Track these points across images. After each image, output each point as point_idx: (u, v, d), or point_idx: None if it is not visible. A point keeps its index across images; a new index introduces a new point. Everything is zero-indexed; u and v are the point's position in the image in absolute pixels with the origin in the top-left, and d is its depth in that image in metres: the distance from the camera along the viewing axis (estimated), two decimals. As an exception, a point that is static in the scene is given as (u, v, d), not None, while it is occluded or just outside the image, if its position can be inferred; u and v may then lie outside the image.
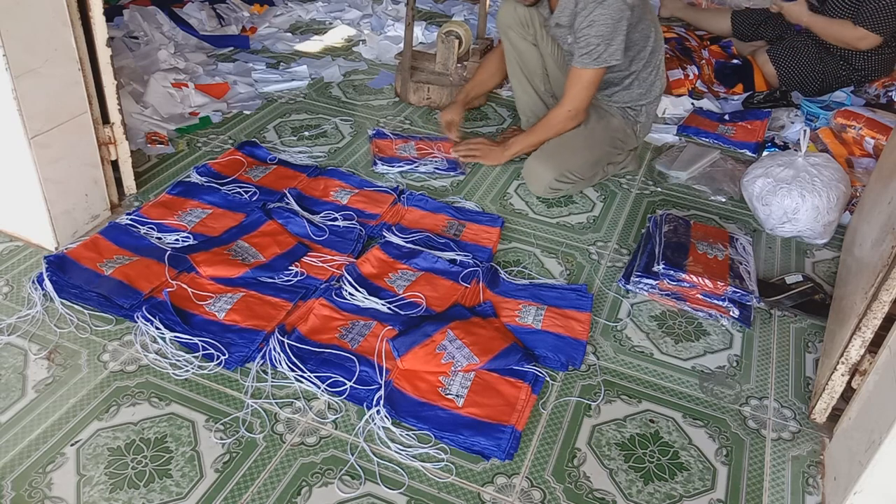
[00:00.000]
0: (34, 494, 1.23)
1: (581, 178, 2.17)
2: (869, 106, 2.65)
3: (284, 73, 2.81)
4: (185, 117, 2.42)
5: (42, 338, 1.53)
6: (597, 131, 2.20)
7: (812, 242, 2.08)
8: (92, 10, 1.70)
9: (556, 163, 2.11)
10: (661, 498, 1.32)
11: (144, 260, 1.71)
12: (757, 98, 2.82)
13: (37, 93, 1.60)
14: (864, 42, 2.67)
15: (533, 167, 2.15)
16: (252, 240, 1.81)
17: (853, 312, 1.43)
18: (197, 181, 2.05)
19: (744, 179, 2.18)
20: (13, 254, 1.76)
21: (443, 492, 1.30)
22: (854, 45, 2.69)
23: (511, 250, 1.95)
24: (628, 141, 2.28)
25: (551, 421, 1.45)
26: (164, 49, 2.74)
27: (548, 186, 2.13)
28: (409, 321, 1.61)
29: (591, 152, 2.17)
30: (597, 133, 2.19)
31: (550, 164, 2.11)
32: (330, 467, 1.32)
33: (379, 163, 2.24)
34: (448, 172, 2.24)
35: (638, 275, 1.82)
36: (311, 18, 3.43)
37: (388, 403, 1.42)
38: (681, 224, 1.97)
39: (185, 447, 1.33)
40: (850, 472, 1.23)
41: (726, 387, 1.57)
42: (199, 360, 1.50)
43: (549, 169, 2.11)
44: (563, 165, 2.11)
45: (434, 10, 3.67)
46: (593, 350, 1.64)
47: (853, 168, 2.32)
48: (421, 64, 2.71)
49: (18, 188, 1.70)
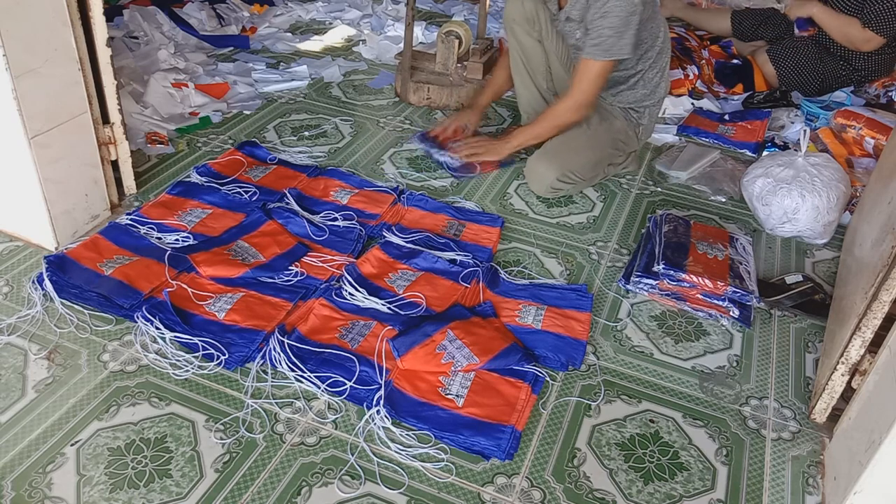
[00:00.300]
0: (34, 494, 1.23)
1: (582, 179, 2.17)
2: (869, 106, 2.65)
3: (284, 73, 2.81)
4: (185, 117, 2.42)
5: (42, 338, 1.53)
6: (599, 132, 2.20)
7: (812, 242, 2.08)
8: (92, 10, 1.70)
9: (559, 163, 2.11)
10: (661, 498, 1.32)
11: (144, 260, 1.71)
12: (757, 98, 2.82)
13: (37, 93, 1.60)
14: (869, 45, 2.67)
15: (535, 166, 2.15)
16: (252, 240, 1.81)
17: (853, 312, 1.43)
18: (197, 181, 2.05)
19: (744, 179, 2.18)
20: (13, 254, 1.76)
21: (443, 492, 1.30)
22: (858, 46, 2.69)
23: (511, 250, 1.95)
24: (630, 143, 2.28)
25: (551, 421, 1.45)
26: (164, 49, 2.74)
27: (549, 186, 2.13)
28: (409, 321, 1.61)
29: (594, 153, 2.17)
30: (599, 134, 2.20)
31: (553, 164, 2.11)
32: (330, 467, 1.32)
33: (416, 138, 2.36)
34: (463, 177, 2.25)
35: (638, 275, 1.82)
36: (311, 18, 3.43)
37: (388, 403, 1.42)
38: (681, 224, 1.97)
39: (185, 447, 1.33)
40: (850, 472, 1.23)
41: (726, 387, 1.57)
42: (199, 360, 1.50)
43: (551, 168, 2.11)
44: (565, 165, 2.11)
45: (434, 10, 3.67)
46: (593, 350, 1.64)
47: (853, 168, 2.32)
48: (421, 64, 2.71)
49: (18, 188, 1.70)
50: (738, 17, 3.20)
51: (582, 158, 2.15)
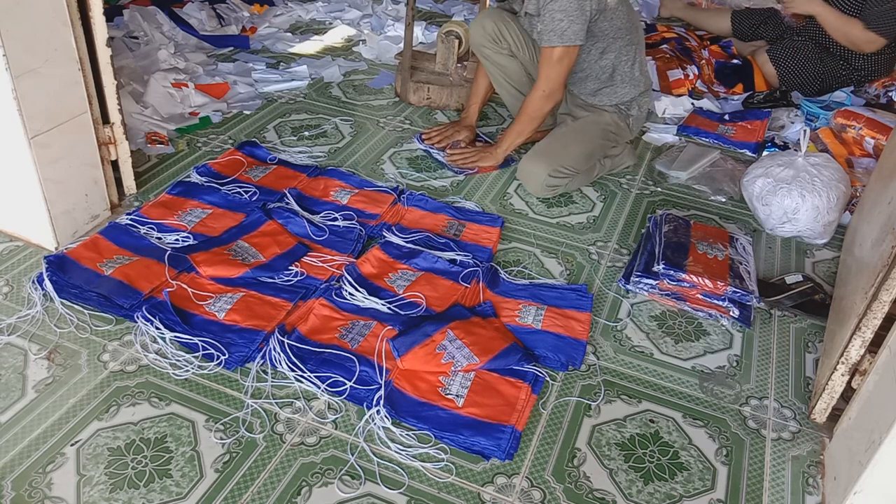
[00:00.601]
0: (34, 494, 1.23)
1: (576, 172, 2.16)
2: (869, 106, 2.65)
3: (284, 73, 2.81)
4: (185, 117, 2.42)
5: (42, 338, 1.53)
6: (587, 125, 2.22)
7: (812, 242, 2.08)
8: (92, 10, 1.70)
9: (549, 159, 2.12)
10: (661, 498, 1.32)
11: (144, 260, 1.71)
12: (757, 98, 2.82)
13: (37, 93, 1.60)
14: (872, 46, 2.67)
15: (527, 167, 2.15)
16: (252, 240, 1.81)
17: (853, 312, 1.43)
18: (197, 181, 2.05)
19: (744, 179, 2.18)
20: (13, 254, 1.76)
21: (443, 492, 1.30)
22: (860, 47, 2.69)
23: (511, 250, 1.95)
24: (622, 133, 2.29)
25: (551, 421, 1.45)
26: (164, 49, 2.74)
27: (544, 184, 2.12)
28: (409, 321, 1.61)
29: (584, 146, 2.18)
30: (588, 127, 2.22)
31: (543, 162, 2.11)
32: (330, 467, 1.32)
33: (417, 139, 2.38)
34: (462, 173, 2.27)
35: (638, 275, 1.82)
36: (311, 18, 3.43)
37: (388, 403, 1.42)
38: (681, 224, 1.97)
39: (185, 447, 1.33)
40: (850, 472, 1.23)
41: (726, 387, 1.57)
42: (199, 360, 1.50)
43: (541, 166, 2.11)
44: (555, 161, 2.11)
45: (434, 10, 3.67)
46: (593, 350, 1.64)
47: (853, 168, 2.32)
48: (421, 64, 2.71)
49: (18, 188, 1.70)
50: (738, 18, 3.20)
51: (572, 151, 2.15)
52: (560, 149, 2.15)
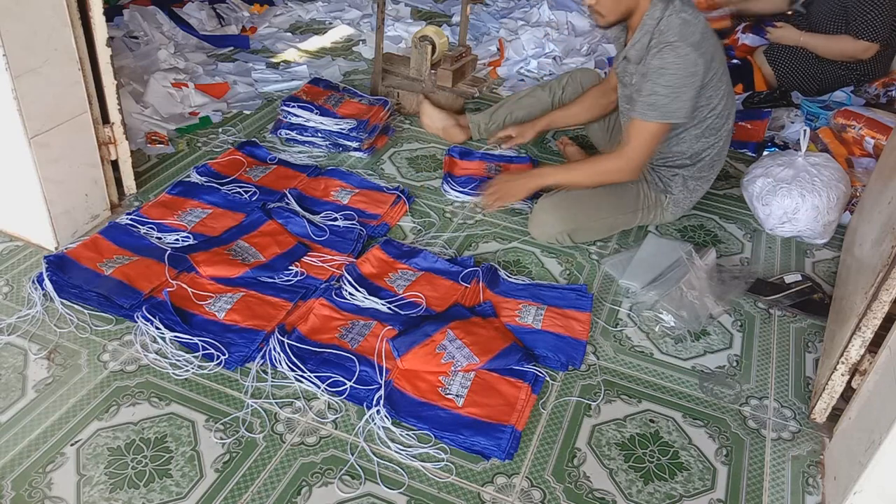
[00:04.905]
0: (34, 494, 1.23)
1: (586, 241, 2.00)
2: (869, 106, 2.65)
3: (284, 73, 2.81)
4: (185, 117, 2.42)
5: (42, 338, 1.53)
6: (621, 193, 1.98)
7: (812, 242, 2.08)
8: (92, 10, 1.70)
9: (569, 220, 1.93)
10: (661, 498, 1.32)
11: (144, 260, 1.71)
12: (757, 98, 2.82)
13: (37, 93, 1.60)
14: (868, 53, 2.67)
15: (541, 215, 1.95)
16: (252, 240, 1.81)
17: (853, 312, 1.43)
18: (197, 181, 2.05)
19: (744, 179, 2.18)
20: (13, 254, 1.76)
21: (443, 492, 1.30)
22: (858, 57, 2.69)
23: (511, 250, 1.95)
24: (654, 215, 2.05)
25: (551, 421, 1.45)
26: (164, 49, 2.74)
27: (553, 238, 1.96)
28: (409, 321, 1.61)
29: (608, 216, 1.97)
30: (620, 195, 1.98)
31: (561, 219, 1.93)
32: (330, 467, 1.32)
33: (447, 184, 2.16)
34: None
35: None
36: (311, 18, 3.43)
37: (388, 403, 1.42)
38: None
39: (185, 447, 1.33)
40: (850, 472, 1.23)
41: (726, 387, 1.57)
42: (199, 360, 1.50)
43: (558, 223, 1.93)
44: (573, 223, 1.93)
45: (434, 10, 3.66)
46: (593, 350, 1.64)
47: (853, 168, 2.32)
48: (397, 68, 2.65)
49: (18, 188, 1.70)
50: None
51: (594, 219, 1.95)
52: (582, 212, 1.94)
